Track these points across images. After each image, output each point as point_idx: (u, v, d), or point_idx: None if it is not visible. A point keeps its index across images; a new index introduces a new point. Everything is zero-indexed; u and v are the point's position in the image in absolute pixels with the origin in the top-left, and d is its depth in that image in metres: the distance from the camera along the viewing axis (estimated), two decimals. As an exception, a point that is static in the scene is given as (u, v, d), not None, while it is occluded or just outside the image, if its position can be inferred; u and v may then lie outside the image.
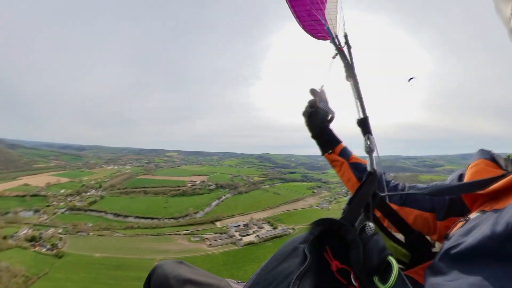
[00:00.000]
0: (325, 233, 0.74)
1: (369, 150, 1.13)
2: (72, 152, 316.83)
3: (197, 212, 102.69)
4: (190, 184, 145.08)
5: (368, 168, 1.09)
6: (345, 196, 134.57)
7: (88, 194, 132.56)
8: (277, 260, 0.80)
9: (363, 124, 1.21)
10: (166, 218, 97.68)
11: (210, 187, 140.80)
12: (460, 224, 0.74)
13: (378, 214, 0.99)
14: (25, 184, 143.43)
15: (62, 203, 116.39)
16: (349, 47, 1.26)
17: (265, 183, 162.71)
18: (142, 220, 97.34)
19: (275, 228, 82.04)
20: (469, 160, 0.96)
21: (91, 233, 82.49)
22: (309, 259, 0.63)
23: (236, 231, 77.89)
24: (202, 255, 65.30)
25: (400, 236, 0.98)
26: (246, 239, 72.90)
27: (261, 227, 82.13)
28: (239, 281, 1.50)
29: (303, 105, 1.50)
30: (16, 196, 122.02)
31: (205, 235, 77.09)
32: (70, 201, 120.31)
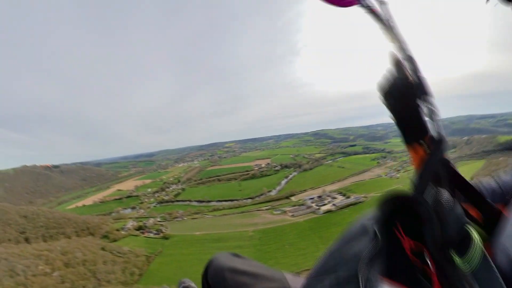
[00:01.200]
0: (395, 208, 0.68)
1: (431, 113, 0.85)
2: (144, 159, 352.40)
3: (270, 191, 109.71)
4: (256, 168, 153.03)
5: (434, 133, 0.82)
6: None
7: (171, 189, 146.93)
8: (346, 239, 0.78)
9: (421, 86, 0.90)
10: (244, 198, 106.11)
11: (276, 168, 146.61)
12: None
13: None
14: (118, 190, 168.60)
15: (152, 199, 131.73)
16: (382, 4, 0.95)
17: (327, 158, 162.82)
18: (224, 203, 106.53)
19: (348, 197, 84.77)
20: None
21: (185, 218, 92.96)
22: (379, 237, 0.60)
23: (312, 203, 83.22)
24: (288, 223, 71.80)
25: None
26: (324, 208, 77.53)
27: (334, 197, 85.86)
28: (295, 274, 1.53)
29: (380, 76, 1.04)
30: (114, 199, 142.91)
31: (285, 208, 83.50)
32: (158, 196, 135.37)
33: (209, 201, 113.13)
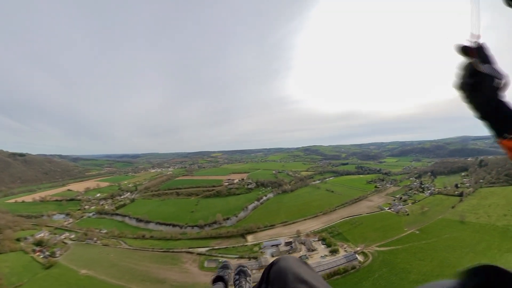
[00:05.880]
0: (484, 287, 0.44)
1: None
2: (127, 160, 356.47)
3: (227, 219, 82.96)
4: (226, 184, 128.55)
5: None
6: (421, 192, 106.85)
7: (121, 197, 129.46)
8: None
9: (492, 74, 0.81)
10: (189, 226, 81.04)
11: (249, 186, 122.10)
12: None
13: None
14: (69, 190, 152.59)
15: (93, 207, 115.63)
16: None
17: (315, 178, 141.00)
18: (163, 227, 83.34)
19: (333, 250, 53.73)
20: None
21: (98, 242, 75.23)
22: None
23: (273, 256, 52.13)
24: (206, 301, 42.49)
25: None
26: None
27: (312, 249, 54.78)
28: None
29: (456, 74, 1.01)
30: (56, 200, 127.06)
31: (227, 259, 53.10)
32: (102, 204, 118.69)
33: (147, 222, 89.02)
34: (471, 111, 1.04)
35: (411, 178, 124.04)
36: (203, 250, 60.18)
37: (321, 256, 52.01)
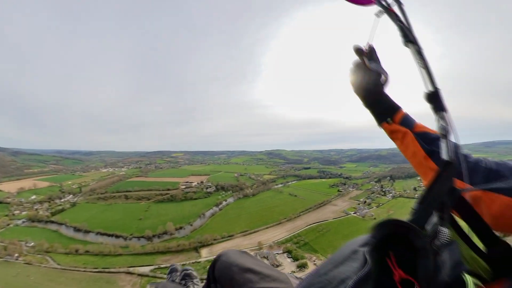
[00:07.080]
0: (390, 236, 0.58)
1: (444, 131, 0.77)
2: (78, 157, 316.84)
3: (180, 228, 73.75)
4: (183, 187, 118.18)
5: (444, 156, 0.73)
6: (383, 195, 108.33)
7: (61, 200, 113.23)
8: (334, 263, 0.72)
9: (434, 98, 0.84)
10: (134, 237, 70.62)
11: (208, 190, 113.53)
12: None
13: (457, 215, 0.74)
14: None
15: (24, 212, 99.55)
16: (399, 4, 0.99)
17: (277, 181, 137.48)
18: (104, 238, 72.13)
19: (301, 265, 47.57)
20: None
21: (20, 259, 62.88)
22: (369, 265, 0.54)
23: None
24: None
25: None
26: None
27: (276, 264, 47.93)
28: (298, 277, 1.51)
29: (349, 69, 1.20)
30: None
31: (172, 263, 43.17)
32: (36, 209, 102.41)
33: (87, 232, 77.13)
34: (359, 100, 1.22)
35: (371, 182, 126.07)
36: (146, 269, 50.71)
37: (290, 273, 44.86)
